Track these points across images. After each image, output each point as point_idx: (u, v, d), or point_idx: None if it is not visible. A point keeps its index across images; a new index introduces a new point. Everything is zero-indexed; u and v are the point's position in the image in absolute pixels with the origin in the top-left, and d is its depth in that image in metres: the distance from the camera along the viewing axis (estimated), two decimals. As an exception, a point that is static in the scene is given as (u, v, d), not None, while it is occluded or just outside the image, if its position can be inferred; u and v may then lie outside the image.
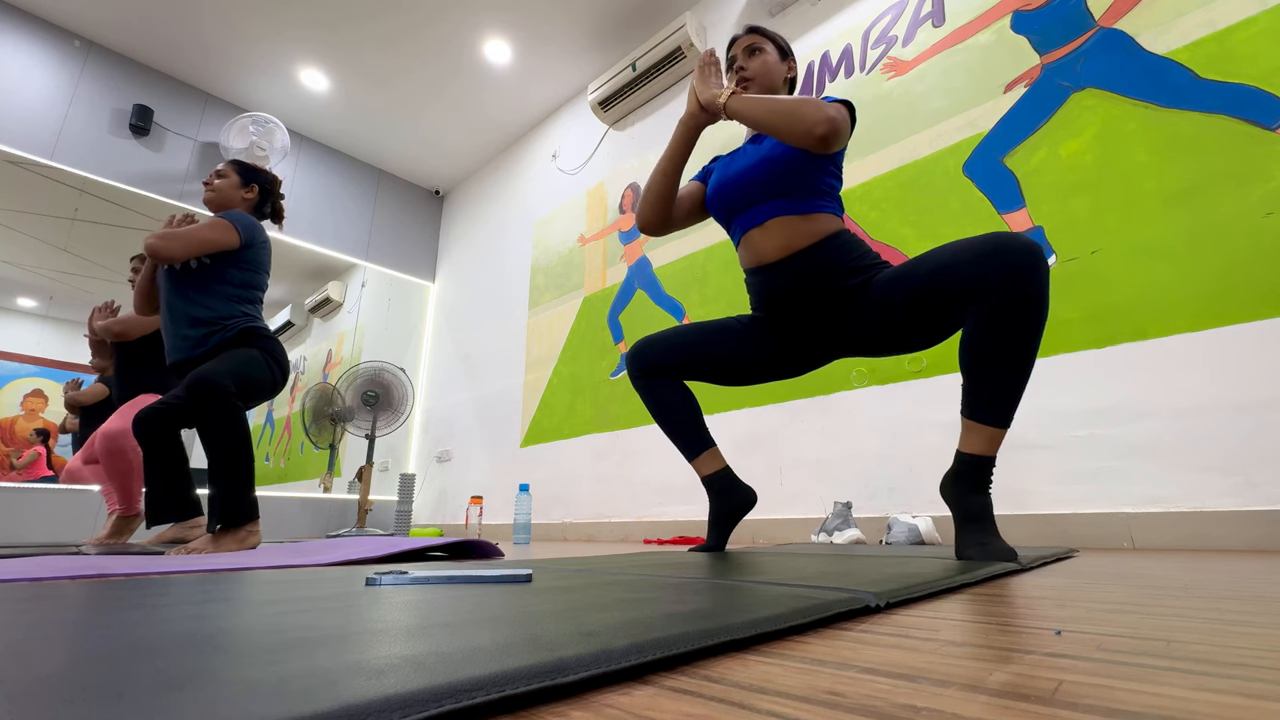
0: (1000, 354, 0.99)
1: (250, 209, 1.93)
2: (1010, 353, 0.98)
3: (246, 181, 1.93)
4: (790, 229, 1.26)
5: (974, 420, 1.03)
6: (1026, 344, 0.98)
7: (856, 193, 2.31)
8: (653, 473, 2.76)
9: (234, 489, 1.52)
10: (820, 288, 1.24)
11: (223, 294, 1.74)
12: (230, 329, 1.72)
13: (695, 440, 1.40)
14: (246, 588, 0.60)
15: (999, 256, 0.97)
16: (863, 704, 0.25)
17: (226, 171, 1.91)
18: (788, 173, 1.26)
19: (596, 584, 0.61)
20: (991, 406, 1.01)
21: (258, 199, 1.95)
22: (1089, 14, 1.87)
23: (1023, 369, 0.99)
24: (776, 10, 2.79)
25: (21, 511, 2.93)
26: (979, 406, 1.02)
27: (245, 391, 1.64)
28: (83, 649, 0.30)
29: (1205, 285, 1.53)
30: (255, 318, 1.81)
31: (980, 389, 1.02)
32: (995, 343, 0.99)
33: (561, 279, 3.64)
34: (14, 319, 3.20)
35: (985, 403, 1.01)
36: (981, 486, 1.03)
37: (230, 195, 1.89)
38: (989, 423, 1.01)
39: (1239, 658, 0.32)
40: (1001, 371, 1.00)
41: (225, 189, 1.88)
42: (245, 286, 1.79)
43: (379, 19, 3.36)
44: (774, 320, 1.33)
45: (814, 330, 1.29)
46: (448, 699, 0.21)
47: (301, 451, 4.05)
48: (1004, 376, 1.00)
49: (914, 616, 0.48)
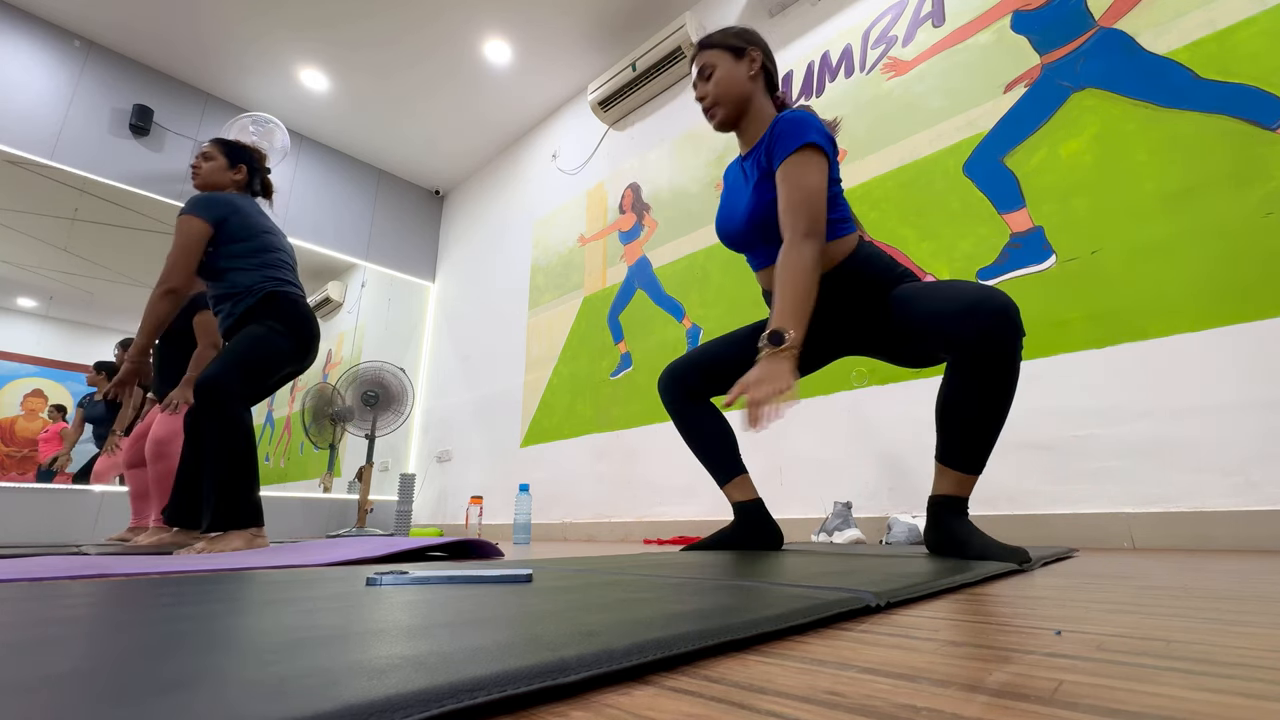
0: (970, 406, 1.01)
1: (241, 188, 1.89)
2: (980, 406, 1.00)
3: (234, 161, 1.88)
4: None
5: (945, 465, 1.05)
6: (996, 400, 0.99)
7: (857, 193, 2.31)
8: (653, 473, 2.76)
9: (236, 491, 1.51)
10: (839, 303, 1.24)
11: (234, 269, 1.73)
12: (254, 294, 1.72)
13: (728, 465, 1.38)
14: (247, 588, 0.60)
15: (973, 316, 0.97)
16: (863, 704, 0.25)
17: (212, 153, 1.86)
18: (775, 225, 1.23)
19: (596, 584, 0.61)
20: (962, 454, 1.04)
21: (247, 178, 1.91)
22: (1089, 14, 1.87)
23: (992, 422, 1.01)
24: (776, 10, 2.79)
25: (22, 511, 2.93)
26: (950, 453, 1.04)
27: (257, 374, 1.64)
28: (83, 649, 0.30)
29: (1205, 285, 1.53)
30: (280, 280, 1.77)
31: (951, 436, 1.04)
32: (966, 395, 1.01)
33: (561, 279, 3.64)
34: (14, 319, 3.20)
35: (956, 450, 1.04)
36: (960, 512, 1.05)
37: (218, 178, 1.84)
38: (959, 469, 1.04)
39: (1239, 658, 0.32)
40: (971, 422, 1.02)
41: (213, 172, 1.84)
42: (251, 254, 1.75)
43: (379, 19, 3.36)
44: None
45: (830, 334, 1.30)
46: (449, 699, 0.21)
47: (301, 451, 4.05)
48: (974, 427, 1.02)
49: (914, 616, 0.48)
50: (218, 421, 1.52)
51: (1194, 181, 1.59)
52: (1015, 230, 1.88)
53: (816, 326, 1.31)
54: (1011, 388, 0.99)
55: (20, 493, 2.97)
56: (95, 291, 3.40)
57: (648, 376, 2.93)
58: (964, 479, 1.04)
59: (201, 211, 1.71)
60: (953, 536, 1.01)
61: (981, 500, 1.76)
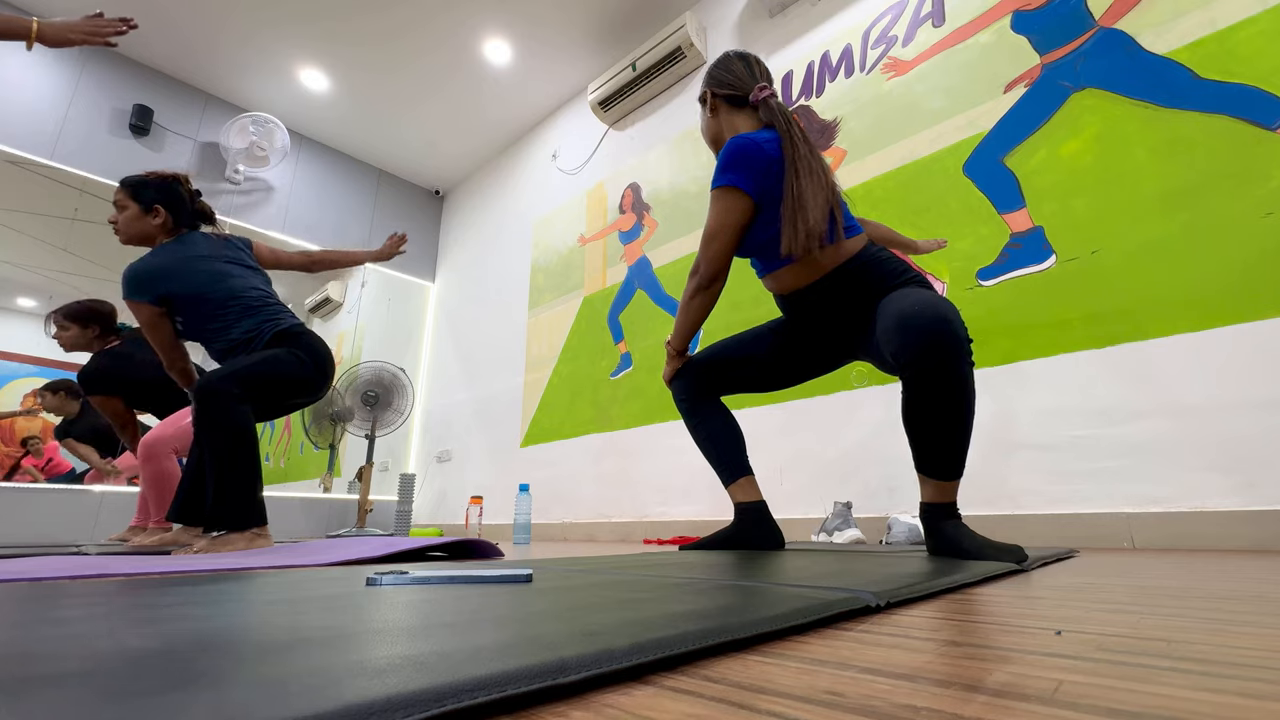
0: (926, 418, 1.02)
1: (167, 231, 1.69)
2: (936, 418, 1.01)
3: (148, 205, 1.67)
4: (807, 267, 1.25)
5: (923, 474, 1.07)
6: (951, 410, 1.00)
7: (857, 193, 2.31)
8: (653, 473, 2.76)
9: (237, 491, 1.51)
10: (846, 303, 1.25)
11: (221, 327, 1.65)
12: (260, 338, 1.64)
13: (735, 465, 1.39)
14: (247, 588, 0.60)
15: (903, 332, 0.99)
16: (863, 704, 0.25)
17: (123, 201, 1.66)
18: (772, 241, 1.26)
19: (597, 584, 0.61)
20: (933, 463, 1.05)
21: (169, 218, 1.69)
22: (1089, 14, 1.87)
23: (953, 432, 1.01)
24: (776, 10, 2.79)
25: (22, 511, 2.93)
26: (923, 462, 1.06)
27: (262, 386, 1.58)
28: (83, 649, 0.30)
29: (1205, 285, 1.53)
30: (277, 319, 1.68)
31: (918, 447, 1.06)
32: (920, 408, 1.02)
33: (561, 279, 3.64)
34: (14, 319, 3.20)
35: (927, 460, 1.05)
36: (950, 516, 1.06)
37: (137, 228, 1.67)
38: (935, 477, 1.05)
39: (1239, 658, 0.32)
40: (932, 434, 1.03)
41: (129, 224, 1.66)
42: (227, 306, 1.65)
43: (379, 18, 3.36)
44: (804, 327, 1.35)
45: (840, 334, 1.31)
46: (450, 699, 0.21)
47: (301, 451, 4.05)
48: (936, 438, 1.03)
49: (914, 616, 0.48)
50: (217, 422, 1.52)
51: (1194, 181, 1.59)
52: (1015, 230, 1.88)
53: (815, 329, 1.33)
54: (962, 397, 0.99)
55: (20, 493, 2.97)
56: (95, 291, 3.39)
57: (648, 376, 2.93)
58: (944, 485, 1.05)
59: (137, 291, 1.59)
60: (946, 540, 1.01)
61: (981, 500, 1.76)
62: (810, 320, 1.33)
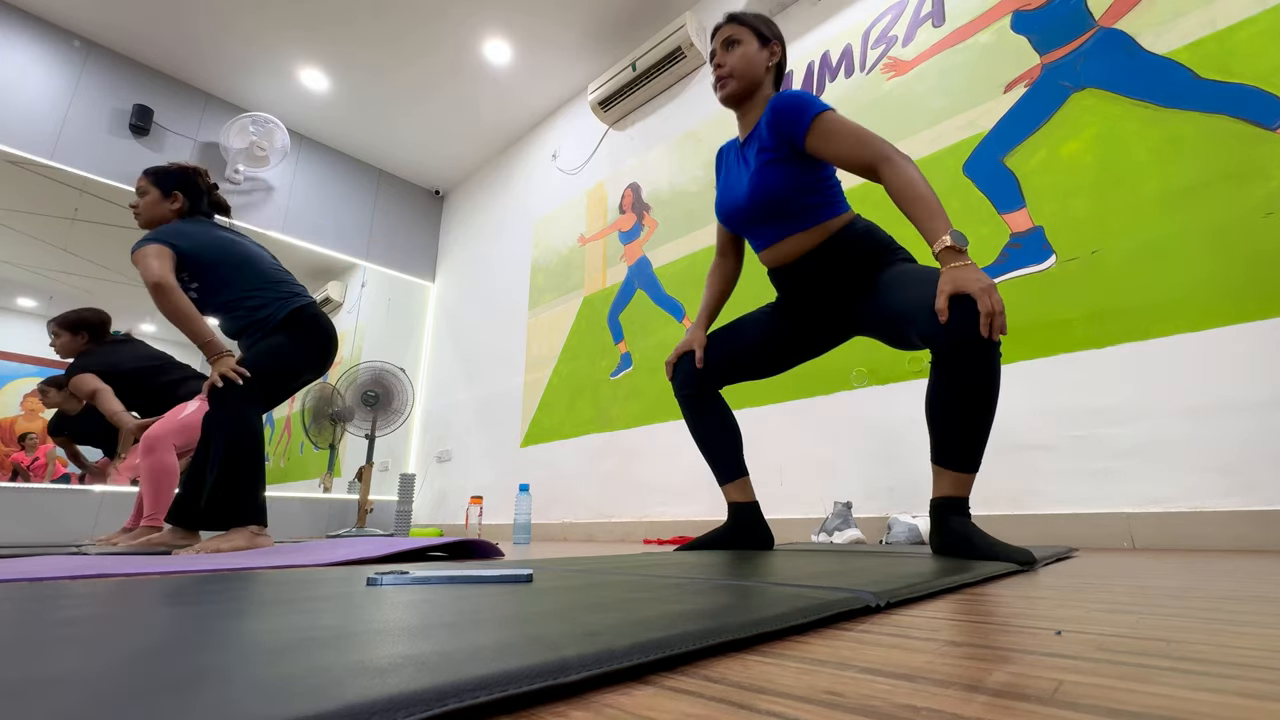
0: (956, 402, 1.01)
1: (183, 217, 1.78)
2: (966, 401, 1.00)
3: (168, 191, 1.76)
4: (800, 241, 1.30)
5: (940, 465, 1.05)
6: (981, 394, 0.99)
7: (857, 193, 2.30)
8: (653, 473, 2.76)
9: (240, 489, 1.51)
10: (838, 274, 1.28)
11: (237, 297, 1.69)
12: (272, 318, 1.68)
13: (731, 465, 1.40)
14: (248, 588, 0.60)
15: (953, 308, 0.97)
16: (863, 704, 0.25)
17: (145, 187, 1.76)
18: (781, 204, 1.28)
19: (597, 584, 0.61)
20: (954, 452, 1.04)
21: (186, 205, 1.79)
22: (1089, 14, 1.87)
23: (980, 418, 1.01)
24: (776, 10, 2.79)
25: (22, 511, 2.93)
26: (943, 452, 1.05)
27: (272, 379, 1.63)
28: (84, 649, 0.30)
29: (1205, 285, 1.53)
30: (291, 296, 1.73)
31: (941, 435, 1.05)
32: (951, 391, 1.01)
33: (561, 279, 3.64)
34: (14, 319, 3.20)
35: (948, 448, 1.04)
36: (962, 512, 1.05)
37: (156, 213, 1.75)
38: (954, 468, 1.04)
39: (1239, 658, 0.32)
40: (959, 419, 1.02)
41: (149, 208, 1.75)
42: (246, 277, 1.70)
43: (379, 19, 3.36)
44: (798, 303, 1.37)
45: (833, 309, 1.32)
46: (451, 698, 0.21)
47: (301, 451, 4.05)
48: (962, 424, 1.02)
49: (914, 616, 0.48)
50: (228, 421, 1.53)
51: (1194, 181, 1.59)
52: (1015, 230, 1.88)
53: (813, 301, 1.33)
54: (994, 381, 0.99)
55: (20, 493, 2.97)
56: (95, 291, 3.39)
57: (648, 376, 2.93)
58: (961, 478, 1.04)
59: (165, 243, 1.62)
60: (957, 538, 1.00)
61: (981, 500, 1.76)
62: (806, 295, 1.34)
